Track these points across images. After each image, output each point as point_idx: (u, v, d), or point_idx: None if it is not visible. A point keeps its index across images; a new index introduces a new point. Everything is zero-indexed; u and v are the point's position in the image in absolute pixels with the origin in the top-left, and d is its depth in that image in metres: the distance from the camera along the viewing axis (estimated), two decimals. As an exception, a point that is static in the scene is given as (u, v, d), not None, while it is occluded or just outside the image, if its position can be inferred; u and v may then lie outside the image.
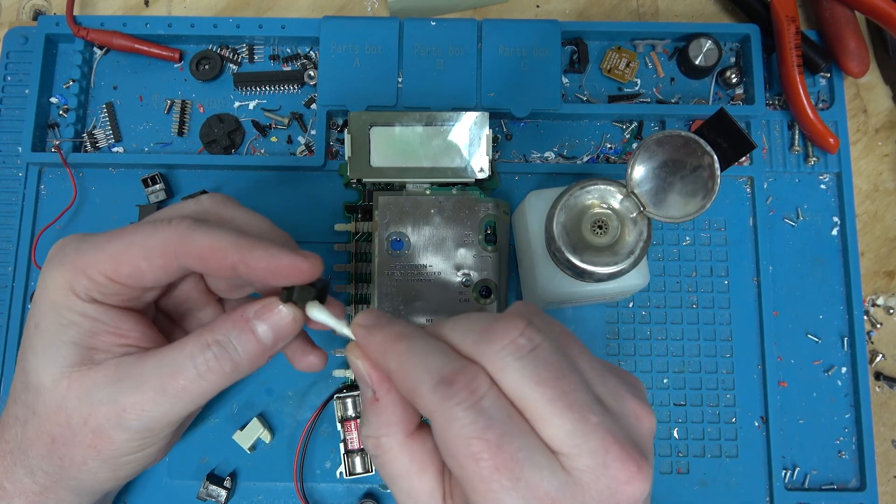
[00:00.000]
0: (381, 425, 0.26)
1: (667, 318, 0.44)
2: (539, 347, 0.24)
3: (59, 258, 0.30)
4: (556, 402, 0.23)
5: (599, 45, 0.47)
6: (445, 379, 0.23)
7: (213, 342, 0.29)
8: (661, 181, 0.33)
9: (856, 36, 0.46)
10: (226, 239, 0.28)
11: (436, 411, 0.23)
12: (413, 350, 0.25)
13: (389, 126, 0.43)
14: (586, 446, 0.23)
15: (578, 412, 0.23)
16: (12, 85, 0.47)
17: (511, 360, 0.24)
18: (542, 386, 0.23)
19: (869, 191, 0.47)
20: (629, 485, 0.23)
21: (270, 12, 0.50)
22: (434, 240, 0.41)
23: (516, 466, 0.22)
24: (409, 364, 0.25)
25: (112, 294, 0.30)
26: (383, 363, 0.26)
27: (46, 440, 0.30)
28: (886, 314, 0.46)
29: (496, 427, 0.23)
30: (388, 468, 0.26)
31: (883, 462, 0.44)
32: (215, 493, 0.41)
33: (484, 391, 0.23)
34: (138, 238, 0.29)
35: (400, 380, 0.25)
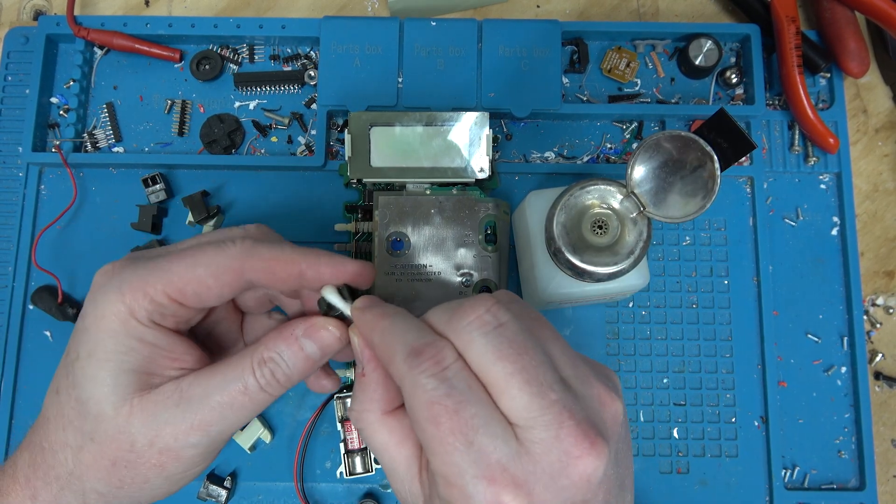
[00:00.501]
0: (364, 401, 0.29)
1: (667, 318, 0.44)
2: (504, 325, 0.26)
3: (116, 284, 0.30)
4: (516, 376, 0.25)
5: (599, 45, 0.47)
6: (415, 350, 0.26)
7: (268, 358, 0.31)
8: (661, 181, 0.33)
9: (856, 36, 0.46)
10: (291, 251, 0.31)
11: (405, 378, 0.26)
12: (394, 326, 0.28)
13: (389, 126, 0.43)
14: (542, 419, 0.24)
15: (537, 387, 0.25)
16: (13, 85, 0.47)
17: (476, 334, 0.26)
18: (503, 360, 0.25)
19: (869, 191, 0.47)
20: (581, 459, 0.24)
21: (271, 12, 0.50)
22: (434, 240, 0.41)
23: (470, 431, 0.24)
24: (388, 337, 0.28)
25: (170, 315, 0.30)
26: (370, 338, 0.29)
27: (106, 464, 0.30)
28: (886, 314, 0.46)
29: (455, 395, 0.25)
30: (370, 441, 0.29)
31: (882, 462, 0.44)
32: (215, 493, 0.41)
33: (448, 363, 0.25)
34: (204, 258, 0.30)
35: (380, 351, 0.28)
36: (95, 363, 0.29)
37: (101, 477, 0.30)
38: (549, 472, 0.24)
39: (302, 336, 0.31)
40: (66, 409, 0.30)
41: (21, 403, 0.43)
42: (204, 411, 0.30)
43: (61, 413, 0.30)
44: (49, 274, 0.43)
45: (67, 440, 0.30)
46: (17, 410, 0.43)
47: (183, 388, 0.30)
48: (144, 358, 0.30)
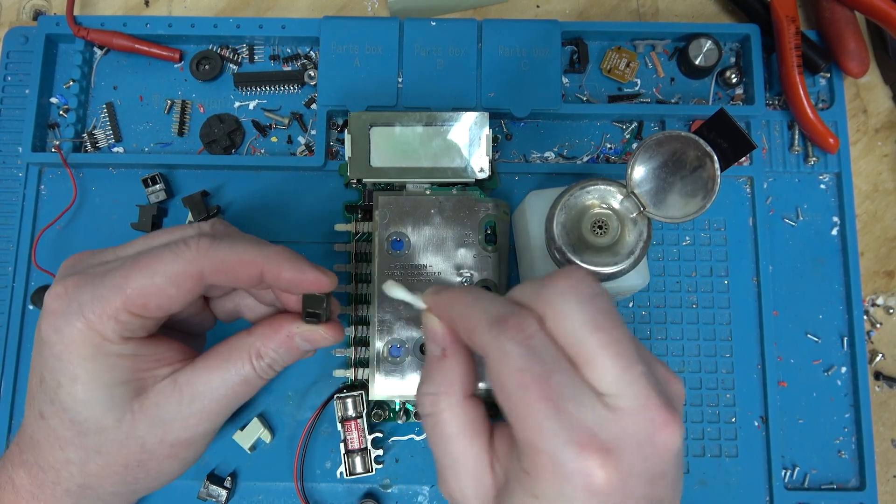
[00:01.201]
0: (443, 383, 0.28)
1: (667, 318, 0.44)
2: (598, 296, 0.26)
3: (76, 309, 0.29)
4: (609, 348, 0.24)
5: (599, 45, 0.47)
6: (499, 319, 0.25)
7: (265, 354, 0.32)
8: (661, 181, 0.33)
9: (856, 36, 0.46)
10: (252, 250, 0.30)
11: (490, 346, 0.25)
12: (475, 300, 0.27)
13: (389, 126, 0.43)
14: (630, 391, 0.24)
15: (627, 360, 0.25)
16: (12, 85, 0.47)
17: (574, 302, 0.25)
18: (598, 331, 0.25)
19: (869, 191, 0.47)
20: (666, 429, 0.24)
21: (270, 12, 0.50)
22: (434, 240, 0.41)
23: (560, 399, 0.24)
24: (471, 310, 0.27)
25: (140, 328, 0.30)
26: (450, 315, 0.28)
27: (118, 469, 0.30)
28: (886, 314, 0.46)
29: (543, 362, 0.24)
30: (441, 427, 0.27)
31: (882, 461, 0.44)
32: (215, 493, 0.41)
33: (533, 331, 0.25)
34: (161, 267, 0.29)
35: (462, 324, 0.27)
36: (83, 387, 0.29)
37: (114, 481, 0.31)
38: (637, 439, 0.24)
39: (299, 339, 0.32)
40: (59, 432, 0.30)
41: (21, 403, 0.43)
42: (208, 403, 0.31)
43: (54, 435, 0.30)
44: (49, 274, 0.43)
45: (69, 458, 0.30)
46: (16, 410, 0.43)
47: (181, 384, 0.30)
48: (129, 369, 0.30)
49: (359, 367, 0.41)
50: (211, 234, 0.31)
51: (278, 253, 0.31)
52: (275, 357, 0.32)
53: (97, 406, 0.29)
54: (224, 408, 0.31)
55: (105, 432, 0.30)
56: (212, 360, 0.31)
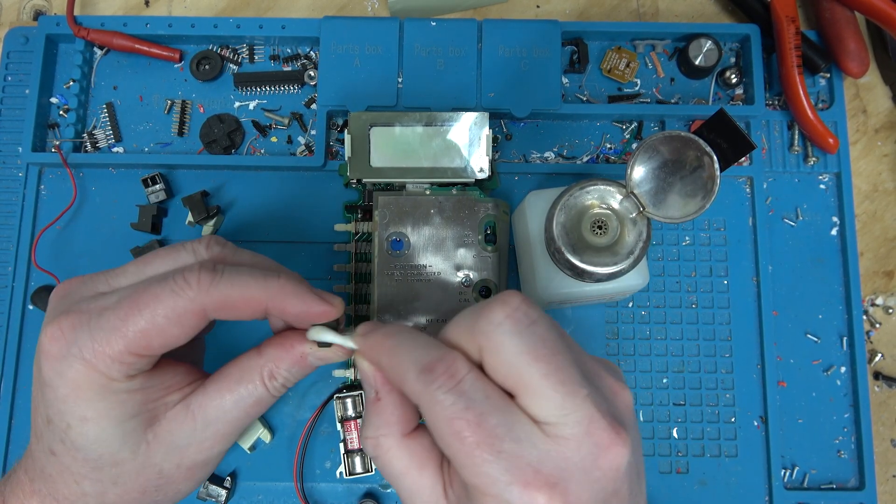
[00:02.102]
0: (381, 425, 0.28)
1: (666, 318, 0.44)
2: (536, 322, 0.26)
3: (76, 353, 0.28)
4: (551, 377, 0.25)
5: (599, 46, 0.47)
6: (427, 366, 0.25)
7: (278, 374, 0.31)
8: (661, 181, 0.33)
9: (855, 36, 0.46)
10: (255, 285, 0.29)
11: (421, 396, 0.25)
12: (401, 345, 0.27)
13: (389, 126, 0.43)
14: (573, 416, 0.24)
15: (570, 386, 0.25)
16: (12, 85, 0.47)
17: (509, 334, 0.25)
18: (538, 361, 0.25)
19: (868, 191, 0.47)
20: (610, 450, 0.25)
21: (271, 12, 0.50)
22: (434, 240, 0.41)
23: (497, 440, 0.24)
24: (397, 358, 0.27)
25: (146, 364, 0.29)
26: (378, 361, 0.28)
27: (135, 496, 0.30)
28: (885, 314, 0.46)
29: (475, 406, 0.24)
30: (389, 467, 0.28)
31: (882, 461, 0.44)
32: (215, 493, 0.41)
33: (463, 375, 0.25)
34: (161, 308, 0.28)
35: (391, 373, 0.27)
36: (94, 425, 0.29)
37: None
38: (582, 466, 0.24)
39: (313, 358, 0.32)
40: (73, 468, 0.29)
41: (21, 403, 0.43)
42: (222, 426, 0.31)
43: (68, 471, 0.29)
44: (49, 274, 0.43)
45: (84, 491, 0.30)
46: (16, 410, 0.43)
47: (194, 409, 0.30)
48: (139, 402, 0.29)
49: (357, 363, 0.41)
50: (211, 267, 0.29)
51: (282, 286, 0.30)
52: (287, 376, 0.32)
53: (111, 442, 0.29)
54: (237, 428, 0.31)
55: (122, 464, 0.29)
56: (223, 383, 0.31)
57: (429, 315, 0.40)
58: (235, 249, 0.32)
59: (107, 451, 0.29)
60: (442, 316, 0.40)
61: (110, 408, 0.29)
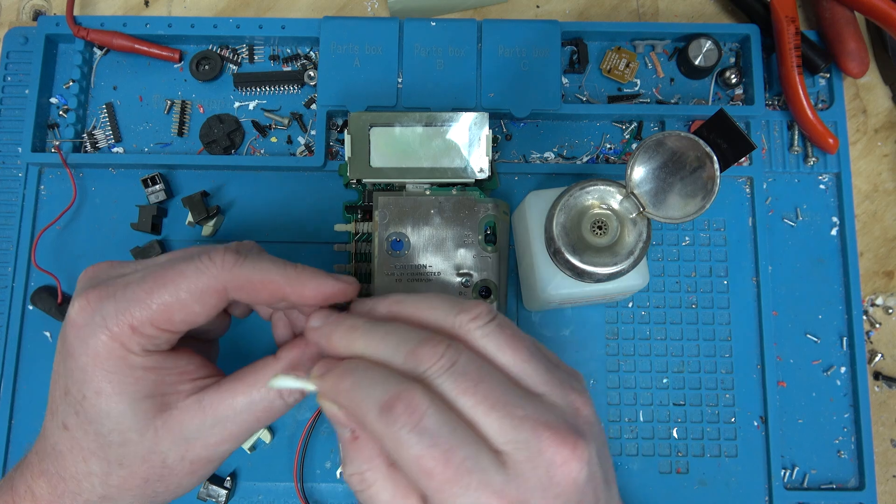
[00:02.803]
0: (363, 460, 0.28)
1: (666, 318, 0.44)
2: (457, 362, 0.26)
3: (99, 322, 0.29)
4: (479, 406, 0.25)
5: (599, 46, 0.47)
6: (386, 405, 0.25)
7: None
8: (661, 182, 0.33)
9: (855, 36, 0.46)
10: (275, 270, 0.31)
11: (385, 437, 0.26)
12: (357, 383, 0.27)
13: (389, 126, 0.43)
14: (519, 438, 0.25)
15: (503, 409, 0.25)
16: (12, 85, 0.47)
17: (438, 379, 0.26)
18: (464, 395, 0.26)
19: (868, 191, 0.48)
20: (565, 466, 0.25)
21: (270, 12, 0.50)
22: (434, 240, 0.41)
23: (465, 475, 0.25)
24: (356, 398, 0.27)
25: (165, 341, 0.30)
26: (339, 403, 0.28)
27: (138, 482, 0.30)
28: (885, 314, 0.46)
29: (441, 442, 0.25)
30: (375, 500, 0.28)
31: (882, 461, 0.44)
32: (215, 493, 0.41)
33: (424, 409, 0.25)
34: (185, 283, 0.29)
35: (353, 413, 0.27)
36: (107, 399, 0.29)
37: (134, 494, 0.31)
38: (540, 487, 0.25)
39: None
40: (83, 443, 0.30)
41: (21, 403, 0.43)
42: (230, 426, 0.31)
43: (78, 446, 0.30)
44: (49, 274, 0.43)
45: (91, 469, 0.30)
46: (17, 410, 0.43)
47: (205, 405, 0.30)
48: (154, 382, 0.30)
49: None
50: (235, 250, 0.31)
51: (300, 272, 0.31)
52: None
53: (122, 419, 0.29)
54: (246, 431, 0.31)
55: (128, 445, 0.30)
56: (237, 385, 0.31)
57: (429, 315, 0.40)
58: (260, 250, 0.34)
59: (116, 428, 0.29)
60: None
61: (126, 383, 0.29)
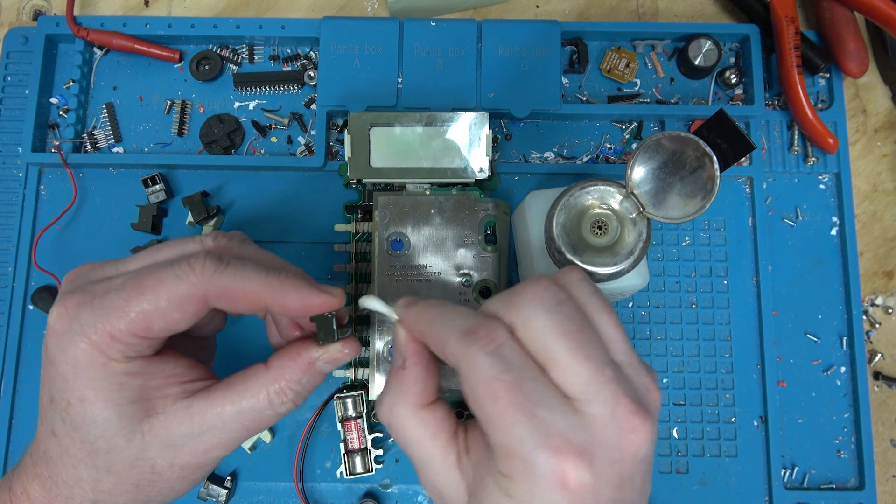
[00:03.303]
0: (399, 393, 0.29)
1: (666, 318, 0.44)
2: (564, 303, 0.27)
3: (77, 330, 0.28)
4: (577, 352, 0.25)
5: (599, 46, 0.47)
6: (469, 330, 0.26)
7: (288, 388, 0.31)
8: (661, 182, 0.33)
9: (855, 36, 0.46)
10: (256, 280, 0.30)
11: (461, 357, 0.26)
12: (445, 312, 0.28)
13: (389, 126, 0.43)
14: (599, 395, 0.25)
15: (595, 364, 0.25)
16: (12, 85, 0.47)
17: (539, 311, 0.26)
18: (565, 337, 0.26)
19: (868, 191, 0.48)
20: (634, 433, 0.25)
21: (270, 12, 0.50)
22: (434, 240, 0.41)
23: (530, 404, 0.25)
24: (441, 323, 0.28)
25: (146, 347, 0.30)
26: (419, 328, 0.29)
27: (129, 487, 0.30)
28: (885, 314, 0.46)
29: (513, 370, 0.25)
30: (402, 435, 0.29)
31: (882, 461, 0.44)
32: (215, 493, 0.41)
33: (503, 340, 0.26)
34: (164, 291, 0.29)
35: (432, 336, 0.28)
36: (91, 407, 0.29)
37: (126, 499, 0.31)
38: (606, 444, 0.25)
39: (322, 363, 0.32)
40: (71, 450, 0.30)
41: (21, 403, 0.43)
42: (219, 434, 0.31)
43: (67, 453, 0.30)
44: (49, 274, 0.43)
45: (81, 476, 0.30)
46: (17, 410, 0.43)
47: (193, 413, 0.30)
48: (138, 388, 0.29)
49: (359, 367, 0.42)
50: (216, 255, 0.30)
51: (282, 283, 0.30)
52: (298, 389, 0.32)
53: (107, 426, 0.29)
54: (235, 440, 0.31)
55: (115, 452, 0.29)
56: (227, 393, 0.31)
57: (429, 315, 0.40)
58: (243, 241, 0.33)
59: (102, 435, 0.29)
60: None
61: (109, 390, 0.29)
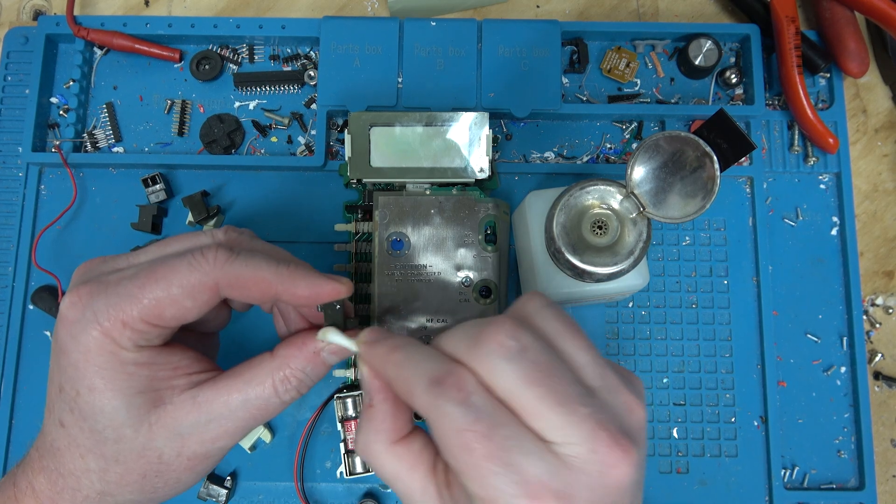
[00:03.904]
0: (371, 431, 0.29)
1: (666, 318, 0.44)
2: (528, 348, 0.26)
3: (91, 317, 0.29)
4: (546, 399, 0.25)
5: (599, 46, 0.47)
6: (436, 379, 0.25)
7: (292, 376, 0.32)
8: (661, 182, 0.33)
9: (855, 36, 0.46)
10: (267, 269, 0.31)
11: (429, 409, 0.25)
12: (408, 357, 0.27)
13: (389, 126, 0.43)
14: (576, 435, 0.24)
15: (568, 406, 0.25)
16: (12, 85, 0.47)
17: (501, 361, 0.25)
18: (532, 385, 0.25)
19: (868, 191, 0.48)
20: (616, 468, 0.25)
21: (270, 12, 0.50)
22: (434, 240, 0.41)
23: (505, 453, 0.24)
24: (405, 369, 0.27)
25: (156, 336, 0.30)
26: (384, 372, 0.28)
27: (136, 478, 0.31)
28: (885, 314, 0.46)
29: (484, 419, 0.24)
30: (381, 471, 0.29)
31: (882, 461, 0.44)
32: (215, 493, 0.41)
33: (472, 388, 0.25)
34: (177, 278, 0.29)
35: (398, 385, 0.27)
36: (100, 395, 0.29)
37: (133, 489, 0.31)
38: (587, 483, 0.24)
39: (327, 353, 0.32)
40: (79, 440, 0.30)
41: (21, 403, 0.43)
42: (225, 423, 0.31)
43: (75, 443, 0.30)
44: (49, 274, 0.43)
45: (89, 466, 0.30)
46: (17, 410, 0.43)
47: (200, 402, 0.30)
48: (146, 378, 0.30)
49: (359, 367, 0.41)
50: (227, 246, 0.31)
51: (293, 272, 0.31)
52: (302, 378, 0.32)
53: (116, 415, 0.29)
54: (241, 429, 0.31)
55: (123, 441, 0.30)
56: (233, 381, 0.31)
57: (429, 315, 0.40)
58: (252, 237, 0.33)
59: (110, 424, 0.29)
60: (442, 316, 0.40)
61: (118, 379, 0.29)
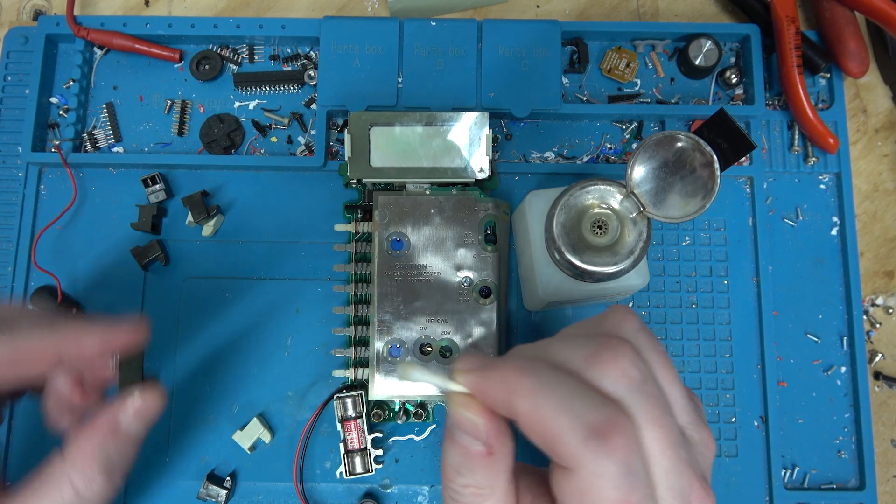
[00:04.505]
0: (490, 476, 0.23)
1: (666, 318, 0.44)
2: (646, 380, 0.23)
3: None
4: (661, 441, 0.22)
5: (599, 46, 0.47)
6: (598, 431, 0.21)
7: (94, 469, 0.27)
8: (661, 181, 0.33)
9: (856, 36, 0.46)
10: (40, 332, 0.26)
11: (583, 465, 0.21)
12: (548, 388, 0.22)
13: (389, 126, 0.43)
14: (678, 486, 0.22)
15: (675, 450, 0.22)
16: (12, 85, 0.47)
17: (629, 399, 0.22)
18: (651, 426, 0.22)
19: (868, 191, 0.47)
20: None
21: (270, 12, 0.50)
22: (434, 240, 0.41)
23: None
24: (548, 406, 0.22)
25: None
26: (509, 405, 0.23)
27: None
28: (886, 314, 0.46)
29: (639, 489, 0.21)
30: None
31: (882, 462, 0.44)
32: (215, 493, 0.41)
33: (636, 447, 0.22)
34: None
35: (536, 423, 0.22)
36: None
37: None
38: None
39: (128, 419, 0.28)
40: None
41: (21, 403, 0.43)
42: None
43: None
44: (49, 274, 0.43)
45: None
46: (17, 410, 0.43)
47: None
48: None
49: (358, 367, 0.42)
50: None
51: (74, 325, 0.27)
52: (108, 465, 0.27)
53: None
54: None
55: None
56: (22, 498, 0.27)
57: (429, 315, 0.40)
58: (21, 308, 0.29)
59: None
60: (442, 316, 0.40)
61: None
